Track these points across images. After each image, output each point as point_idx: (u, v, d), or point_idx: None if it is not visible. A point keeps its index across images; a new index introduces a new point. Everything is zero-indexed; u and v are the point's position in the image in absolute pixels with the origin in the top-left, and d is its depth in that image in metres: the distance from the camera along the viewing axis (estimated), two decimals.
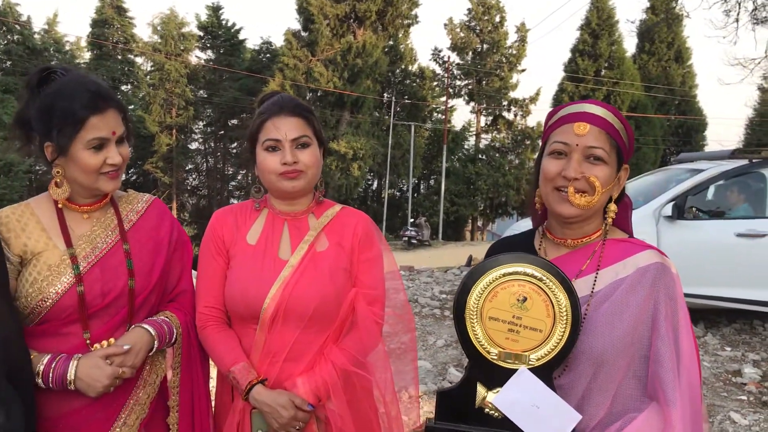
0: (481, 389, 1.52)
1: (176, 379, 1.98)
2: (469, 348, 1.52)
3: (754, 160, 7.43)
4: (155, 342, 1.89)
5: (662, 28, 36.79)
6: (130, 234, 1.94)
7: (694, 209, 7.16)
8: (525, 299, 1.47)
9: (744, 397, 5.40)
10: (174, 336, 1.96)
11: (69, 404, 1.80)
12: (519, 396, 1.47)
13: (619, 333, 1.50)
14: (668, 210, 6.82)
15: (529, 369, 1.48)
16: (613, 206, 1.62)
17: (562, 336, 1.45)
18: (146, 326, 1.88)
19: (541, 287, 1.47)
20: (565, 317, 1.45)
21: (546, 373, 1.48)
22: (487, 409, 1.51)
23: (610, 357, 1.49)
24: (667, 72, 38.56)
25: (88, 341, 1.81)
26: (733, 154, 7.86)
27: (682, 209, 6.85)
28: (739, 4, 11.34)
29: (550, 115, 1.69)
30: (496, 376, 1.50)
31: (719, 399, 5.26)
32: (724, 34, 11.92)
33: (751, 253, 6.73)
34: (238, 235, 2.04)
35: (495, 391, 1.50)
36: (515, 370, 1.48)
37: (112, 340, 1.83)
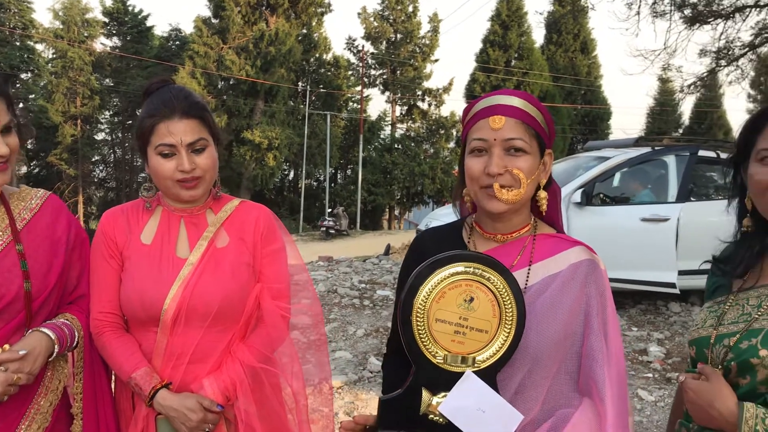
0: (426, 395, 1.46)
1: (79, 385, 1.89)
2: (414, 352, 1.45)
3: (656, 148, 7.79)
4: (56, 346, 1.78)
5: (569, 19, 38.02)
6: (23, 233, 1.82)
7: (601, 195, 7.43)
8: (472, 299, 1.43)
9: (650, 375, 5.67)
10: (76, 340, 1.86)
11: None
12: (465, 401, 1.43)
13: (554, 328, 1.49)
14: (577, 197, 7.04)
15: (475, 371, 1.43)
16: (543, 193, 1.60)
17: (508, 336, 1.42)
18: (45, 330, 1.77)
19: (488, 287, 1.43)
20: (511, 317, 1.42)
21: (491, 374, 1.44)
22: (431, 416, 1.46)
23: (546, 352, 1.48)
24: (573, 63, 39.90)
25: None
26: (637, 142, 8.20)
27: (590, 196, 7.09)
28: None
29: (465, 112, 1.64)
30: (442, 380, 1.45)
31: (627, 377, 5.48)
32: (627, 26, 12.41)
33: (654, 237, 7.04)
34: (131, 236, 1.94)
35: (441, 396, 1.45)
36: (461, 374, 1.44)
37: (6, 346, 1.71)
